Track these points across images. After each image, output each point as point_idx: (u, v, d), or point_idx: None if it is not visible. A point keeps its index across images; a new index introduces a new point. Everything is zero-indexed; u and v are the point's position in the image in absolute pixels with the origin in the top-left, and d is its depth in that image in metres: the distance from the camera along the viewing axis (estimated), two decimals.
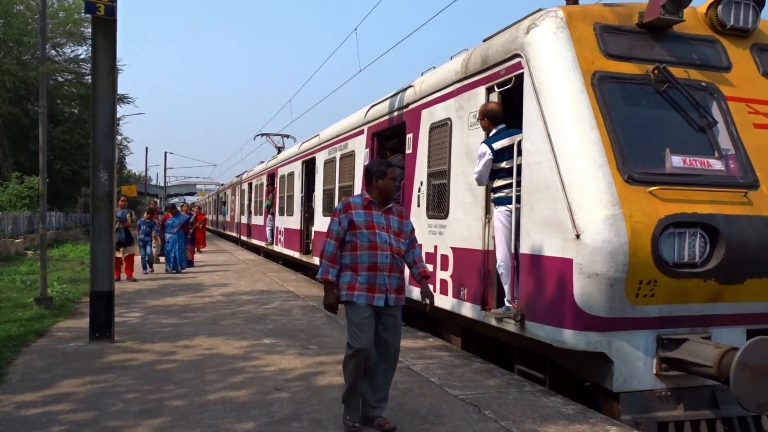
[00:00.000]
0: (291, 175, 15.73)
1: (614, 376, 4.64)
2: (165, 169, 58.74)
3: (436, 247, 6.90)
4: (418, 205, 7.38)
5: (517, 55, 5.41)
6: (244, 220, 25.34)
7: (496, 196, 5.61)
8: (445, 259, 6.70)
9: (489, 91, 5.91)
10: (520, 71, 5.37)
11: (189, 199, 63.12)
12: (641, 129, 5.00)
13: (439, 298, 6.55)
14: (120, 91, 41.07)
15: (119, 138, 44.73)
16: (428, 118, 7.18)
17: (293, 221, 15.07)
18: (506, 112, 5.73)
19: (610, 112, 4.82)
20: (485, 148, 5.45)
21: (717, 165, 5.02)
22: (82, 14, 33.53)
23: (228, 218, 33.57)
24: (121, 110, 40.23)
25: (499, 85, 5.74)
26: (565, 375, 5.33)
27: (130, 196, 24.44)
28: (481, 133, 5.86)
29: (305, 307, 9.68)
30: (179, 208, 17.54)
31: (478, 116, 5.79)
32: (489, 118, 5.58)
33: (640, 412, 4.64)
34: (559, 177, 4.79)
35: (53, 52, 36.04)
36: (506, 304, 5.52)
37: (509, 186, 5.45)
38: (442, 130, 6.84)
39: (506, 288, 5.52)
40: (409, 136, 7.69)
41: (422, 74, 7.91)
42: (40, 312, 8.87)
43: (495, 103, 5.70)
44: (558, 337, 4.80)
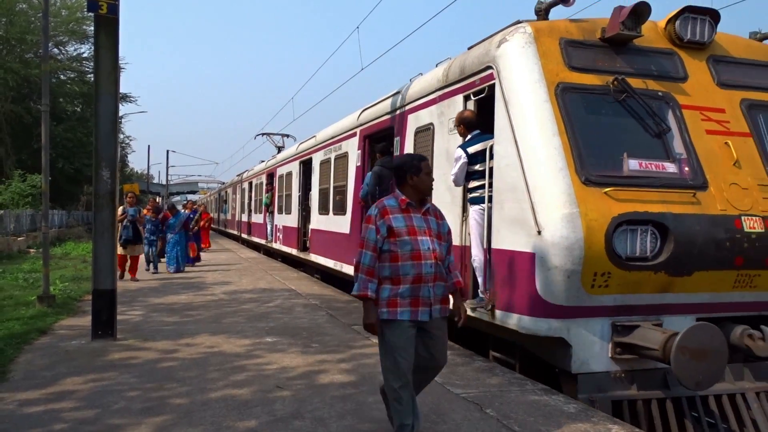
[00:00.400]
0: (289, 174, 16.37)
1: (573, 359, 5.22)
2: (167, 167, 59.63)
3: None
4: None
5: (490, 67, 6.00)
6: (245, 218, 26.05)
7: (471, 196, 6.21)
8: None
9: (466, 99, 6.51)
10: (493, 82, 5.97)
11: (191, 197, 63.84)
12: (600, 135, 5.58)
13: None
14: (122, 89, 41.50)
15: (121, 136, 45.14)
16: (414, 122, 7.79)
17: (291, 219, 15.73)
18: (482, 119, 6.32)
19: (571, 120, 5.40)
20: (461, 152, 6.05)
21: (670, 168, 5.60)
22: (85, 12, 33.82)
23: (229, 216, 34.28)
24: (123, 109, 40.63)
25: (475, 94, 6.34)
26: (534, 360, 5.92)
27: (135, 194, 24.90)
28: (459, 138, 6.46)
29: (307, 305, 9.84)
30: (180, 208, 17.42)
31: (455, 123, 6.38)
32: (464, 125, 6.18)
33: (596, 392, 5.22)
34: (524, 179, 5.38)
35: (56, 51, 36.37)
36: (480, 295, 6.12)
37: (483, 187, 6.04)
38: (425, 134, 7.44)
39: (480, 280, 6.12)
40: (397, 139, 8.31)
41: (411, 80, 8.51)
42: (43, 310, 8.95)
43: (470, 111, 6.29)
44: (523, 324, 5.38)
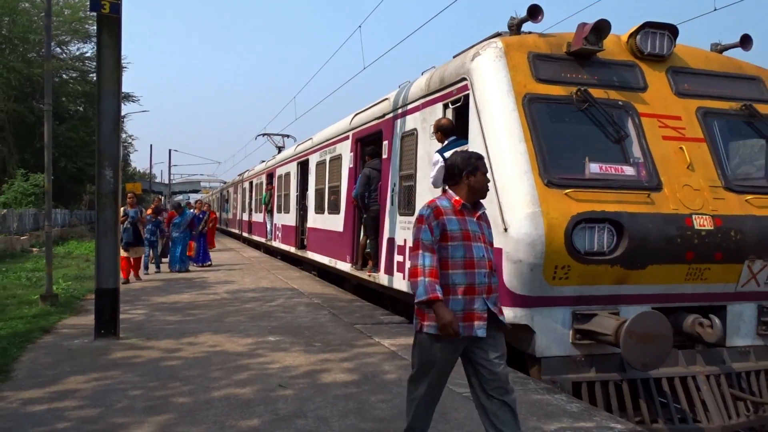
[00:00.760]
0: (288, 175, 17.09)
1: (536, 344, 5.87)
2: (169, 167, 60.34)
3: (405, 240, 8.17)
4: (392, 204, 8.66)
5: (465, 79, 6.67)
6: (246, 217, 26.84)
7: None
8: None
9: (445, 107, 7.19)
10: (467, 92, 6.63)
11: (194, 197, 64.57)
12: (563, 141, 6.24)
13: (407, 284, 7.81)
14: (125, 89, 42.19)
15: (124, 135, 45.80)
16: (400, 127, 8.48)
17: (289, 218, 16.45)
18: (460, 125, 6.98)
19: (536, 128, 6.05)
20: (438, 156, 6.71)
21: (629, 171, 6.24)
22: (87, 12, 34.09)
23: (230, 215, 35.09)
24: (125, 108, 41.29)
25: (453, 102, 7.01)
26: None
27: (136, 193, 25.44)
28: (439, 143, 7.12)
29: (309, 304, 10.01)
30: (185, 206, 17.34)
31: (433, 129, 7.05)
32: (442, 131, 6.84)
33: (558, 374, 5.87)
34: (493, 182, 6.03)
35: (58, 50, 36.87)
36: None
37: None
38: (410, 139, 8.12)
39: None
40: (385, 143, 8.99)
41: (399, 86, 9.17)
42: (46, 309, 9.05)
43: (447, 119, 6.96)
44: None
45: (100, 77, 7.28)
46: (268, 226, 20.30)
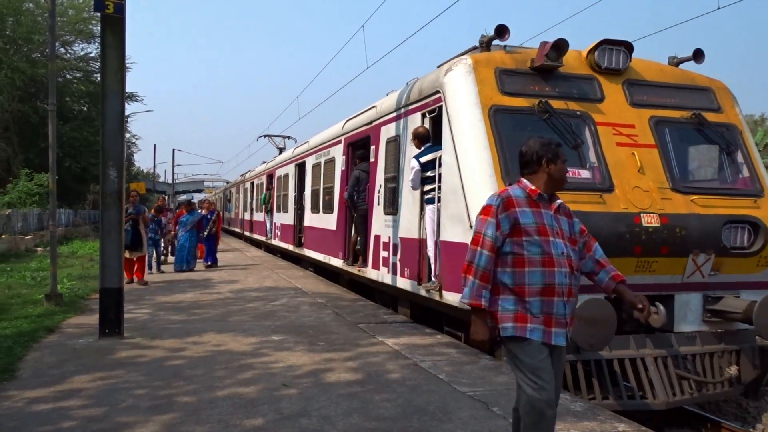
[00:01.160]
0: (286, 176, 18.08)
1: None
2: (173, 166, 61.37)
3: (389, 238, 9.07)
4: (378, 204, 9.57)
5: (439, 91, 7.56)
6: (247, 216, 27.91)
7: (426, 197, 7.78)
8: (395, 246, 8.88)
9: (423, 116, 8.08)
10: (441, 103, 7.51)
11: (197, 196, 65.57)
12: None
13: (391, 278, 8.72)
14: (128, 89, 42.79)
15: (127, 135, 46.19)
16: (386, 133, 9.39)
17: (288, 218, 17.43)
18: (435, 133, 7.87)
19: (500, 136, 6.91)
20: (415, 162, 7.61)
21: (584, 174, 7.10)
22: (91, 12, 34.85)
23: (233, 215, 36.16)
24: (129, 108, 41.72)
25: (429, 112, 7.90)
26: None
27: (140, 193, 26.00)
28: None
29: (313, 303, 10.21)
30: (195, 205, 17.03)
31: (410, 137, 7.94)
32: (418, 138, 7.73)
33: None
34: (461, 183, 6.92)
35: (62, 50, 37.69)
36: (432, 279, 7.68)
37: (434, 189, 7.59)
38: (394, 144, 9.02)
39: (433, 267, 7.67)
40: (373, 148, 9.92)
41: (387, 94, 10.07)
42: (50, 308, 9.19)
43: (423, 127, 7.85)
44: (461, 300, 6.92)
45: (104, 77, 7.46)
46: (268, 225, 21.29)
